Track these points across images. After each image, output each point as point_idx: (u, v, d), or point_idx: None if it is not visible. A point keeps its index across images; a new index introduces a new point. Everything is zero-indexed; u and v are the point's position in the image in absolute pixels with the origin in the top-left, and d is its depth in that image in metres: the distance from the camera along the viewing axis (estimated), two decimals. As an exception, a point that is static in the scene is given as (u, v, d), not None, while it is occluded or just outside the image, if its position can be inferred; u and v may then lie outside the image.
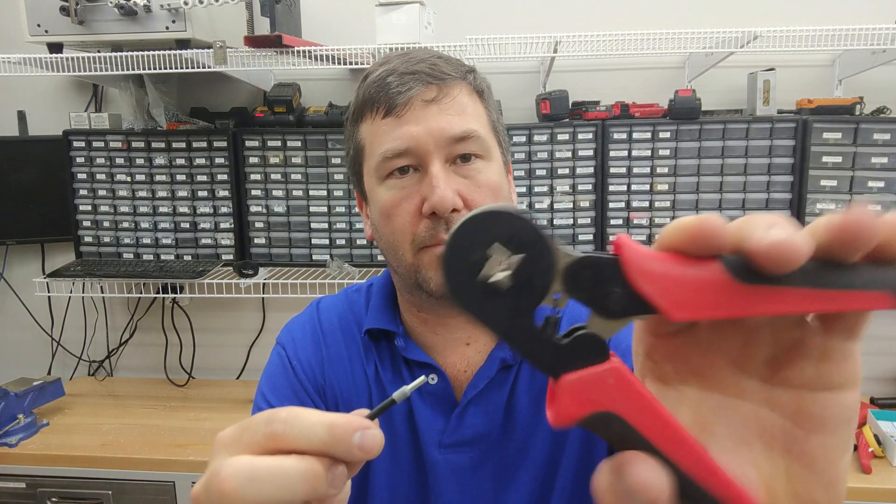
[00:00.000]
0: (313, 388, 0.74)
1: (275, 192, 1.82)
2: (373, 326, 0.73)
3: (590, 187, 1.72)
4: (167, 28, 1.51)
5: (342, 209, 1.80)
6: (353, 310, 0.78)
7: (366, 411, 0.34)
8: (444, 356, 0.72)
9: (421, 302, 0.70)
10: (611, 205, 1.72)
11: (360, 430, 0.32)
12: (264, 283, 1.78)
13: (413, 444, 0.71)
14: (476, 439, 0.70)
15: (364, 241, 1.80)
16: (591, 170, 1.71)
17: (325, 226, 1.81)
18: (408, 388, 0.34)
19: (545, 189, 1.73)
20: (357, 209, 0.75)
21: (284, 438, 0.32)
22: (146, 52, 1.53)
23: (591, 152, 1.70)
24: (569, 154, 1.71)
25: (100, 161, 1.86)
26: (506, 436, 0.70)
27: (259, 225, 1.84)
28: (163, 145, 1.83)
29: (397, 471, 0.71)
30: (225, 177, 1.82)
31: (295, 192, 1.81)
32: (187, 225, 1.87)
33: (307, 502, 0.32)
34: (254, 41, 1.54)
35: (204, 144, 1.82)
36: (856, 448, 1.49)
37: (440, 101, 0.63)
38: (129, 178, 1.86)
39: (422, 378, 0.38)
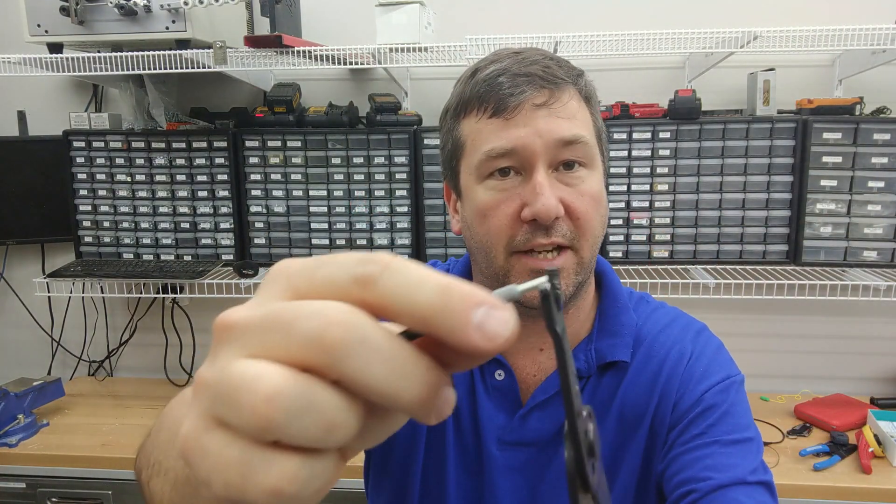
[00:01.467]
0: None
1: (275, 192, 1.82)
2: None
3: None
4: (167, 28, 1.51)
5: (342, 209, 1.79)
6: None
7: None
8: (516, 357, 0.72)
9: None
10: (611, 205, 1.72)
11: (485, 305, 0.21)
12: (264, 283, 1.77)
13: (475, 436, 0.71)
14: (536, 441, 0.70)
15: (364, 242, 1.80)
16: (591, 170, 1.71)
17: (325, 226, 1.81)
18: (519, 288, 0.25)
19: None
20: (445, 200, 0.74)
21: (377, 287, 0.22)
22: (146, 52, 1.53)
23: (591, 152, 1.70)
24: (569, 154, 1.71)
25: (100, 161, 1.86)
26: (563, 444, 0.69)
27: (259, 225, 1.84)
28: (163, 145, 1.83)
29: (465, 461, 0.72)
30: (225, 177, 1.82)
31: (295, 192, 1.81)
32: (187, 225, 1.87)
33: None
34: (254, 41, 1.54)
35: (204, 144, 1.82)
36: (856, 448, 1.49)
37: (551, 105, 0.62)
38: (129, 179, 1.86)
39: (543, 280, 0.25)
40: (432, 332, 0.22)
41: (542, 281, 0.25)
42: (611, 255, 1.74)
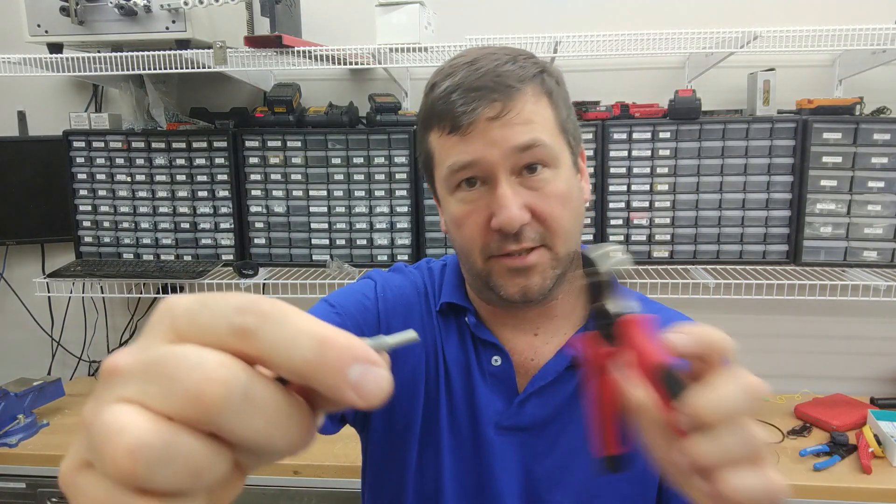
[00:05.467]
0: (378, 329, 0.75)
1: (275, 192, 1.82)
2: (449, 300, 0.75)
3: (590, 187, 1.72)
4: (167, 28, 1.51)
5: (342, 209, 1.79)
6: (431, 281, 0.80)
7: (366, 339, 0.24)
8: (512, 342, 0.73)
9: (492, 300, 0.72)
10: (611, 205, 1.72)
11: (362, 361, 0.22)
12: (264, 284, 1.78)
13: (470, 421, 0.72)
14: (533, 426, 0.71)
15: (364, 242, 1.80)
16: (591, 170, 1.71)
17: (325, 226, 1.81)
18: (389, 340, 0.26)
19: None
20: (434, 203, 0.77)
21: (255, 340, 0.22)
22: (146, 53, 1.53)
23: (591, 152, 1.70)
24: (569, 154, 1.71)
25: (100, 161, 1.86)
26: (563, 430, 0.71)
27: (259, 225, 1.84)
28: (163, 145, 1.83)
29: (459, 447, 0.73)
30: (225, 177, 1.82)
31: (295, 192, 1.81)
32: (187, 225, 1.87)
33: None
34: (254, 41, 1.54)
35: (204, 144, 1.82)
36: (856, 448, 1.49)
37: (504, 116, 0.63)
38: (129, 179, 1.86)
39: (411, 334, 0.28)
40: (310, 386, 0.23)
41: (412, 336, 0.27)
42: (611, 255, 1.74)
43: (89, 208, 1.89)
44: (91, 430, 0.22)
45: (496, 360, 0.72)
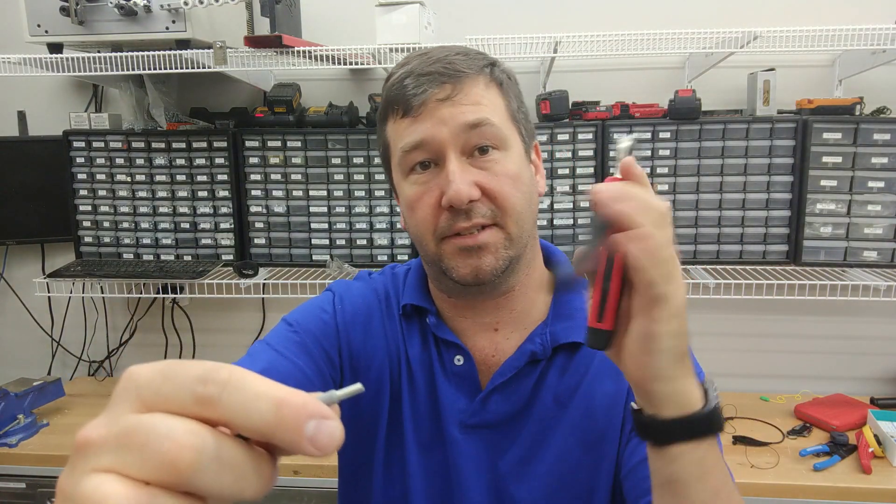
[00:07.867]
0: (338, 341, 0.75)
1: (275, 192, 1.82)
2: (410, 302, 0.76)
3: (590, 187, 1.72)
4: (167, 28, 1.51)
5: (342, 209, 1.79)
6: (395, 285, 0.81)
7: (318, 394, 0.27)
8: (473, 340, 0.74)
9: (448, 288, 0.73)
10: (611, 205, 1.71)
11: (316, 417, 0.25)
12: (264, 284, 1.78)
13: (434, 421, 0.73)
14: (497, 423, 0.72)
15: (364, 242, 1.80)
16: (591, 170, 1.71)
17: (325, 226, 1.81)
18: (338, 393, 0.28)
19: (545, 189, 1.73)
20: (395, 202, 0.81)
21: (218, 407, 0.24)
22: (146, 52, 1.53)
23: (591, 152, 1.70)
24: (569, 154, 1.71)
25: (100, 161, 1.86)
26: (525, 425, 0.72)
27: (259, 225, 1.84)
28: (163, 145, 1.83)
29: (425, 448, 0.73)
30: (225, 177, 1.82)
31: (295, 192, 1.81)
32: (187, 225, 1.87)
33: None
34: (254, 41, 1.54)
35: (204, 144, 1.82)
36: (856, 448, 1.49)
37: (453, 97, 0.66)
38: (129, 179, 1.86)
39: (357, 386, 0.29)
40: (268, 442, 0.25)
41: (358, 388, 0.29)
42: (611, 255, 1.74)
43: (89, 208, 1.89)
44: (72, 500, 0.23)
45: (458, 360, 0.73)
